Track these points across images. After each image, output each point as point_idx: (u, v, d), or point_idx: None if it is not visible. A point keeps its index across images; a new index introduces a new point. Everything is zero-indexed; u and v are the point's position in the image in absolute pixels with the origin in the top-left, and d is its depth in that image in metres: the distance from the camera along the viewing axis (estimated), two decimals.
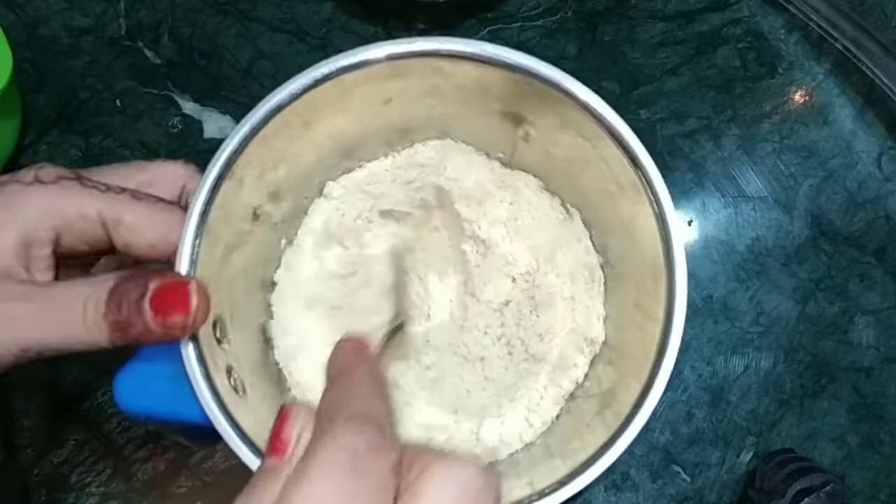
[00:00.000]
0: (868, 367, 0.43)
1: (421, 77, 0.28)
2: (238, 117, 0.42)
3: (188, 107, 0.42)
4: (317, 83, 0.26)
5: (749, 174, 0.43)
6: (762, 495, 0.40)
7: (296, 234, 0.33)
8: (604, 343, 0.31)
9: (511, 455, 0.31)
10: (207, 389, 0.24)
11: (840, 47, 0.42)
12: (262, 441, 0.25)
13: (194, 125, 0.42)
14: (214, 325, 0.26)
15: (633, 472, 0.42)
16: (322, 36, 0.43)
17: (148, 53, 0.42)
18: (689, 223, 0.43)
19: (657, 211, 0.26)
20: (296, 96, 0.26)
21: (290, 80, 0.26)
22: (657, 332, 0.26)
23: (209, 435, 0.25)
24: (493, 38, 0.43)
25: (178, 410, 0.26)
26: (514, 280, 0.33)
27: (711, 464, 0.42)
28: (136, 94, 0.42)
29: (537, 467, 0.29)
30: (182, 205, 0.27)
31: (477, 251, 0.33)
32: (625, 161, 0.26)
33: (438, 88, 0.28)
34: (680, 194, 0.43)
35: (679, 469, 0.42)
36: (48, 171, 0.25)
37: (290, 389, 0.31)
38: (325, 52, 0.43)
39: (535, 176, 0.33)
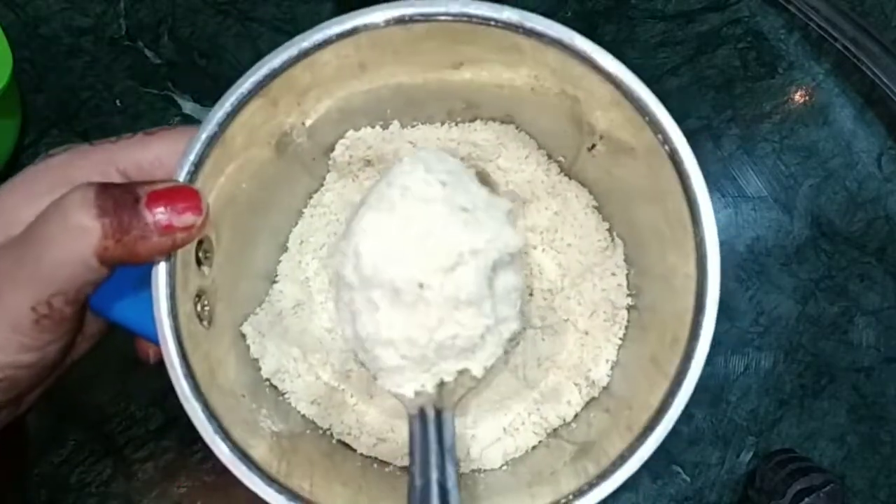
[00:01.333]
0: (868, 367, 0.43)
1: (498, 51, 0.25)
2: None
3: (188, 107, 0.42)
4: (387, 24, 0.23)
5: (749, 174, 0.43)
6: (762, 495, 0.40)
7: (323, 177, 0.30)
8: (605, 389, 0.29)
9: (472, 471, 0.29)
10: (167, 309, 0.22)
11: (840, 47, 0.42)
12: (207, 378, 0.23)
13: (195, 125, 0.42)
14: (200, 244, 0.24)
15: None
16: None
17: (148, 53, 0.42)
18: None
19: (700, 272, 0.24)
20: (349, 34, 0.23)
21: (347, 16, 0.23)
22: (663, 392, 0.24)
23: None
24: None
25: (132, 319, 0.24)
26: (531, 293, 0.30)
27: (711, 464, 0.42)
28: (136, 94, 0.42)
29: (500, 495, 0.27)
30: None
31: None
32: (685, 211, 0.24)
33: (514, 67, 0.26)
34: None
35: (679, 469, 0.42)
36: (54, 153, 0.24)
37: (261, 368, 0.28)
38: None
39: (590, 192, 0.30)
